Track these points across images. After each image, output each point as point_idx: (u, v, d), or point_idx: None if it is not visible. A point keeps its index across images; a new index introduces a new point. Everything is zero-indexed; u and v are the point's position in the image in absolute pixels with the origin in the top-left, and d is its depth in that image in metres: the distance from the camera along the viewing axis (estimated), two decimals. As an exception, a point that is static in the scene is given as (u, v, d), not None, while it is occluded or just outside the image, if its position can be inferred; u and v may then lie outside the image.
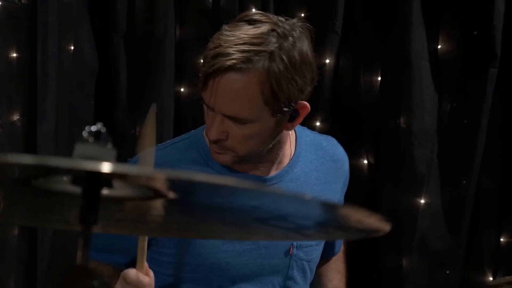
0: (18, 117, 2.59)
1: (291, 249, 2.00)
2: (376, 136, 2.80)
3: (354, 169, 2.82)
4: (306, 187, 2.02)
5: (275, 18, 1.83)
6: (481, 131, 2.73)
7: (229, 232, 1.37)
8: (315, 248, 2.07)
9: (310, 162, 2.06)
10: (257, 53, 1.77)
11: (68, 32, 2.61)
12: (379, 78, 2.79)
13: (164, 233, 1.44)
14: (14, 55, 2.58)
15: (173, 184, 1.03)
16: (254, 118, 1.82)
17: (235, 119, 1.82)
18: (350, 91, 2.81)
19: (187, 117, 2.78)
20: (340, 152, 2.15)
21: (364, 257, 2.82)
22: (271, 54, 1.78)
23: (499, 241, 2.79)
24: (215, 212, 1.16)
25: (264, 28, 1.79)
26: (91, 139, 1.09)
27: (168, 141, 2.06)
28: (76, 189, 1.12)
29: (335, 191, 2.09)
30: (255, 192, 1.01)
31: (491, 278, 2.78)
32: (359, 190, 2.73)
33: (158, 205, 1.21)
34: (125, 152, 2.12)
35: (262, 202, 1.07)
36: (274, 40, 1.79)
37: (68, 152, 2.72)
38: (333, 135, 2.45)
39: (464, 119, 2.75)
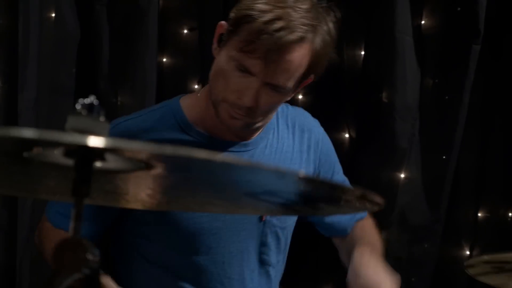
0: (-2, 85, 2.56)
1: (263, 216, 2.02)
2: (358, 110, 2.81)
3: (336, 142, 2.82)
4: (280, 154, 2.05)
5: None
6: (463, 107, 2.75)
7: (218, 206, 1.37)
8: (289, 216, 2.09)
9: (281, 130, 2.09)
10: (312, 27, 1.83)
11: (49, -1, 2.58)
12: (362, 53, 2.79)
13: (152, 206, 1.44)
14: (-5, 22, 2.55)
15: (165, 159, 1.03)
16: (288, 88, 1.87)
17: (275, 87, 1.85)
18: (333, 65, 2.81)
19: (169, 87, 2.77)
20: (308, 121, 2.18)
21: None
22: (318, 29, 1.84)
23: (477, 216, 2.83)
24: (205, 186, 1.17)
25: (308, 5, 1.84)
26: (84, 112, 1.08)
27: (143, 109, 2.07)
28: (68, 161, 1.11)
29: (308, 161, 2.11)
30: (249, 169, 1.01)
31: (468, 252, 2.82)
32: (340, 164, 2.74)
33: (148, 178, 1.21)
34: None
35: (254, 177, 1.08)
36: (319, 16, 1.85)
37: (49, 121, 2.70)
38: (315, 109, 2.47)
39: (446, 95, 2.77)
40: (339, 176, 2.25)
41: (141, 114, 2.01)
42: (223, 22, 1.90)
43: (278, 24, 1.79)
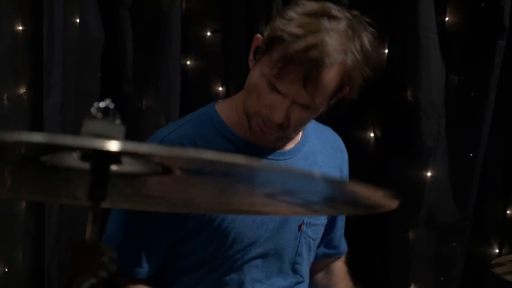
0: (24, 91, 2.59)
1: (301, 226, 2.04)
2: (383, 109, 2.79)
3: (361, 142, 2.82)
4: (314, 166, 2.05)
5: (346, 13, 1.87)
6: (489, 103, 2.72)
7: (236, 206, 1.37)
8: (320, 228, 2.12)
9: (316, 144, 2.09)
10: (345, 51, 1.82)
11: (73, 5, 2.60)
12: (387, 51, 2.77)
13: (172, 208, 1.44)
14: (20, 28, 2.58)
15: (183, 162, 1.03)
16: (319, 105, 1.88)
17: (306, 106, 1.86)
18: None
19: (193, 89, 2.78)
20: (339, 142, 2.20)
21: (370, 230, 2.82)
22: (352, 48, 1.84)
23: (506, 213, 2.79)
24: (223, 185, 1.17)
25: (343, 25, 1.84)
26: (99, 115, 1.09)
27: (181, 118, 2.07)
28: (85, 165, 1.12)
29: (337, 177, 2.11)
30: (269, 170, 1.01)
31: (497, 251, 2.79)
32: (366, 164, 2.73)
33: (166, 180, 1.21)
34: (131, 125, 2.11)
35: (273, 179, 1.07)
36: (355, 33, 1.85)
37: (74, 126, 2.73)
38: (339, 109, 2.46)
39: (472, 92, 2.74)
40: None
41: (181, 124, 2.00)
42: (259, 36, 1.90)
43: (312, 53, 1.78)
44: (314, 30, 1.80)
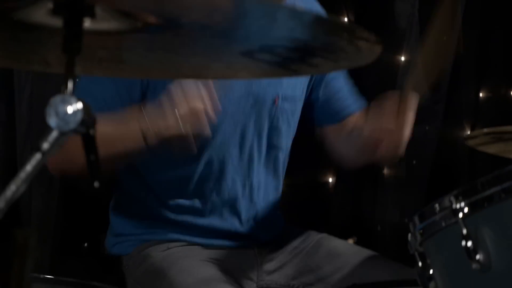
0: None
1: (276, 100, 2.03)
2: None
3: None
4: None
5: None
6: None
7: (213, 70, 1.35)
8: (298, 100, 2.10)
9: None
10: None
11: None
12: None
13: (146, 73, 1.42)
14: None
15: (159, 9, 1.00)
16: None
17: None
18: None
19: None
20: (320, 9, 2.17)
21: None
22: None
23: (478, 95, 2.81)
24: (200, 44, 1.14)
25: None
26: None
27: None
28: (57, 22, 1.09)
29: None
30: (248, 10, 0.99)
31: (468, 133, 2.81)
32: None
33: (142, 40, 1.18)
34: None
35: (250, 29, 1.05)
36: None
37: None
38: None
39: (445, -29, 2.70)
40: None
41: None
42: None
43: None
44: None
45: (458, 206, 1.21)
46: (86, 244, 2.60)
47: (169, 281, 1.91)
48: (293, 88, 2.08)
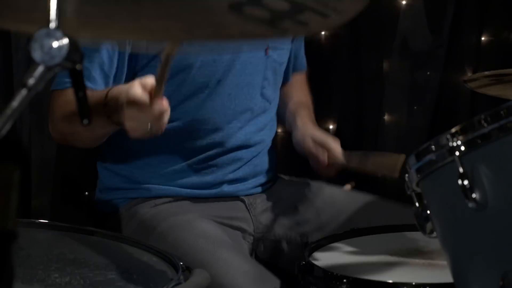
0: None
1: (267, 50, 2.04)
2: None
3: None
4: None
5: None
6: None
7: (202, 29, 1.31)
8: (286, 52, 2.13)
9: None
10: None
11: None
12: None
13: (134, 36, 1.38)
14: None
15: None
16: None
17: None
18: None
19: None
20: None
21: (344, 61, 2.79)
22: None
23: (480, 39, 2.77)
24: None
25: None
26: None
27: None
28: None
29: None
30: None
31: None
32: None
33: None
34: None
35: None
36: None
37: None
38: None
39: None
40: None
41: None
42: None
43: None
44: None
45: (454, 144, 1.19)
46: (86, 193, 2.59)
47: (162, 237, 1.88)
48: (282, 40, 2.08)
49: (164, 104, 1.60)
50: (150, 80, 1.61)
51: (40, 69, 0.96)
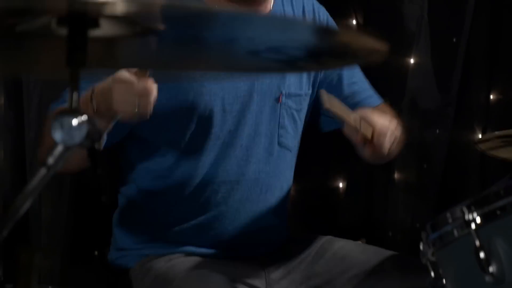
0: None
1: (280, 97, 2.05)
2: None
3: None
4: None
5: None
6: (472, -13, 2.67)
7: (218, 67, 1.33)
8: (304, 97, 2.11)
9: (287, 11, 2.11)
10: None
11: None
12: None
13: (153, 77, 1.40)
14: None
15: (164, 14, 0.98)
16: None
17: None
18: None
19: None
20: (317, 6, 2.21)
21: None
22: None
23: (489, 98, 2.77)
24: (206, 46, 1.12)
25: None
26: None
27: None
28: (62, 31, 1.07)
29: None
30: (249, 20, 0.97)
31: (480, 136, 2.78)
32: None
33: (146, 43, 1.16)
34: None
35: (255, 32, 1.03)
36: None
37: None
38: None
39: (454, -26, 2.68)
40: None
41: None
42: None
43: None
44: None
45: (470, 217, 1.19)
46: (96, 252, 2.58)
47: None
48: (297, 86, 2.08)
49: (149, 81, 1.66)
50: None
51: (59, 148, 0.97)
